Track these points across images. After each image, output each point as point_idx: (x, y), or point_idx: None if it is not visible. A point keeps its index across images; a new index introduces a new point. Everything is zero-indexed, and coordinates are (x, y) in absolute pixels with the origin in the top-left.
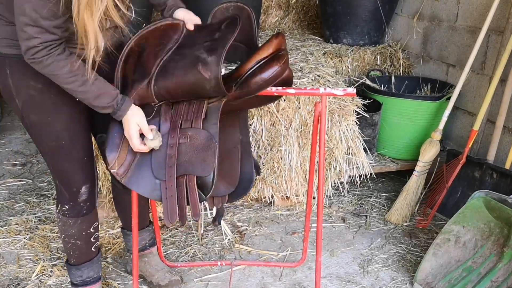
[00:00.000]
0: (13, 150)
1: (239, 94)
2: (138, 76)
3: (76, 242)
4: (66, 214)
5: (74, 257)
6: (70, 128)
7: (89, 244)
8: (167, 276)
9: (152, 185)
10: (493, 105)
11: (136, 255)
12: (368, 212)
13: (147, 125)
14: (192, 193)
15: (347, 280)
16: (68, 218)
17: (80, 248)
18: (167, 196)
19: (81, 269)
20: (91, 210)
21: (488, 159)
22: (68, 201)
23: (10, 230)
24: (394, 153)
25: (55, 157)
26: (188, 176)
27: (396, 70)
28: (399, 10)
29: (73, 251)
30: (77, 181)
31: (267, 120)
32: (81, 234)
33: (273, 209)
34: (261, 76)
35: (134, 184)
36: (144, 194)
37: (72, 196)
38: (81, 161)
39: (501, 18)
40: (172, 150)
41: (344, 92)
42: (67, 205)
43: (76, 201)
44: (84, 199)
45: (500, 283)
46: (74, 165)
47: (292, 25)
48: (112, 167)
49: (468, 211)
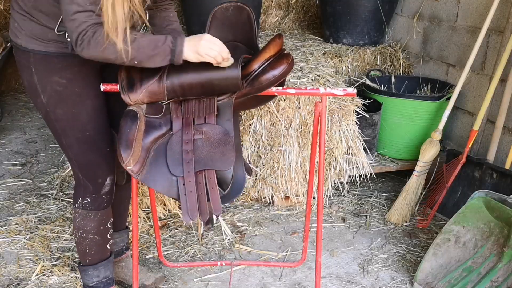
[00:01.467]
0: (13, 150)
1: (250, 90)
2: (146, 73)
3: (94, 237)
4: (87, 207)
5: (90, 255)
6: (95, 120)
7: (105, 241)
8: (150, 275)
9: (169, 182)
10: (493, 105)
11: (136, 255)
12: (368, 212)
13: (216, 43)
14: (212, 188)
15: (347, 280)
16: (88, 211)
17: (97, 244)
18: (185, 192)
19: (99, 268)
20: (110, 203)
21: (488, 159)
22: (91, 193)
23: (10, 230)
24: (394, 153)
25: (82, 149)
26: (207, 171)
27: (396, 70)
28: (399, 10)
29: (90, 248)
30: (102, 172)
31: (267, 120)
32: (99, 228)
33: (273, 209)
34: (273, 73)
35: (151, 181)
36: (161, 191)
37: (97, 188)
38: (105, 152)
39: (501, 18)
40: (188, 146)
41: (345, 92)
42: (90, 197)
43: (99, 193)
44: (107, 191)
45: (500, 283)
46: (100, 156)
47: (292, 25)
48: (127, 164)
49: (468, 211)
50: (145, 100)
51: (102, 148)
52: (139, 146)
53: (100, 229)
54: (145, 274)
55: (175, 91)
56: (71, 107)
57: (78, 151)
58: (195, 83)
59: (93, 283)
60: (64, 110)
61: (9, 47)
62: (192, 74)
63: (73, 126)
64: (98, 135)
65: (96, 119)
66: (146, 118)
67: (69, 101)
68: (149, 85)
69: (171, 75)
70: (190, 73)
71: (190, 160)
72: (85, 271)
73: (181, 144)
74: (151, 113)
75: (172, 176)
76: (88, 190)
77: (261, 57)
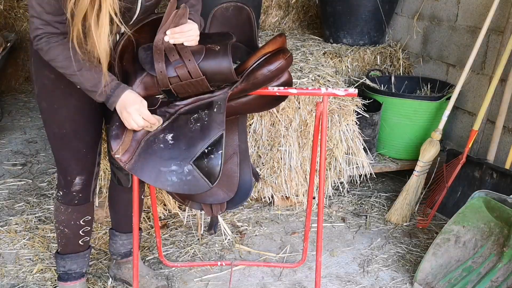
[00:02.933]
0: (13, 150)
1: (246, 85)
2: (138, 66)
3: (64, 229)
4: (60, 200)
5: (61, 246)
6: (74, 119)
7: (76, 236)
8: (153, 281)
9: (156, 172)
10: (493, 105)
11: (137, 254)
12: (368, 212)
13: (148, 112)
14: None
15: (347, 280)
16: (60, 203)
17: (67, 237)
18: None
19: (65, 259)
20: (84, 202)
21: (488, 159)
22: (62, 187)
23: (10, 230)
24: (394, 153)
25: (56, 144)
26: None
27: (396, 70)
28: (399, 10)
29: (61, 238)
30: (72, 170)
31: (267, 120)
32: (69, 223)
33: (273, 209)
34: (268, 68)
35: (138, 171)
36: (148, 181)
37: (66, 183)
38: (79, 152)
39: (501, 18)
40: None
41: (346, 92)
42: (61, 191)
43: (69, 189)
44: (77, 190)
45: (500, 283)
46: (72, 154)
47: (292, 25)
48: (116, 153)
49: (468, 211)
50: (141, 93)
51: (76, 147)
52: (130, 137)
53: (70, 223)
54: (149, 280)
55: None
56: (54, 102)
57: (53, 144)
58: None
59: (59, 271)
60: (47, 104)
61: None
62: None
63: (52, 120)
64: (74, 135)
65: (76, 118)
66: None
67: (53, 96)
68: (144, 78)
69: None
70: None
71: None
72: (56, 257)
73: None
74: (146, 105)
75: (160, 168)
76: (61, 184)
77: (259, 53)
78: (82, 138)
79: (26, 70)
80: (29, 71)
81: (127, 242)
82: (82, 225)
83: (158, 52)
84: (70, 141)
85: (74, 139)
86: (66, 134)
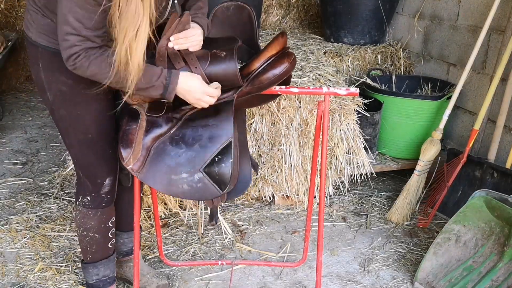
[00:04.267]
0: (13, 149)
1: (251, 89)
2: None
3: (94, 235)
4: (87, 206)
5: (91, 253)
6: (98, 122)
7: (106, 239)
8: (154, 280)
9: (167, 180)
10: (493, 104)
11: (138, 253)
12: (369, 211)
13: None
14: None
15: (347, 279)
16: (88, 209)
17: (97, 242)
18: None
19: (98, 267)
20: (111, 203)
21: (489, 158)
22: (91, 192)
23: (10, 229)
24: (394, 152)
25: (83, 150)
26: None
27: (397, 69)
28: (400, 9)
29: (90, 246)
30: (101, 173)
31: (267, 119)
32: (100, 227)
33: (273, 208)
34: (273, 72)
35: (150, 180)
36: (160, 190)
37: (96, 187)
38: (106, 154)
39: (502, 17)
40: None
41: (348, 92)
42: (89, 196)
43: (98, 192)
44: (106, 191)
45: (500, 282)
46: (100, 157)
47: (293, 24)
48: (127, 163)
49: (468, 210)
50: (146, 99)
51: (103, 150)
52: (140, 145)
53: (100, 227)
54: (150, 279)
55: None
56: (75, 109)
57: (79, 151)
58: None
59: (93, 280)
60: (67, 111)
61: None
62: None
63: (76, 127)
64: (100, 137)
65: (100, 121)
66: (147, 117)
67: (74, 102)
68: None
69: None
70: None
71: None
72: (86, 268)
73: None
74: (152, 111)
75: (171, 175)
76: (88, 189)
77: (263, 55)
78: (107, 140)
79: (26, 69)
80: (29, 70)
81: (127, 241)
82: (110, 227)
83: (161, 58)
84: (98, 145)
85: (101, 142)
86: (92, 138)
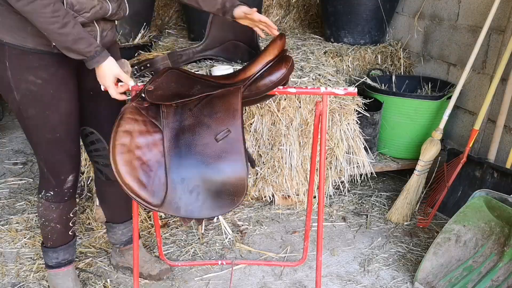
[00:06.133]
0: (14, 149)
1: (248, 95)
2: None
3: (56, 226)
4: (50, 199)
5: (52, 241)
6: (66, 122)
7: (67, 228)
8: (157, 265)
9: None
10: (494, 104)
11: (137, 246)
12: (369, 211)
13: (124, 74)
14: None
15: (347, 279)
16: (51, 203)
17: (59, 232)
18: None
19: (58, 251)
20: (73, 196)
21: (489, 158)
22: (54, 187)
23: (10, 229)
24: (394, 152)
25: (50, 148)
26: None
27: (397, 69)
28: (400, 9)
29: (52, 234)
30: (66, 170)
31: (267, 119)
32: (61, 218)
33: (273, 208)
34: (270, 79)
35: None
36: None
37: (59, 183)
38: (71, 152)
39: (502, 17)
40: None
41: (345, 92)
42: (52, 191)
43: (61, 188)
44: (69, 186)
45: (500, 282)
46: (66, 156)
47: (293, 24)
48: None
49: (468, 210)
50: None
51: (69, 148)
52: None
53: (62, 219)
54: (152, 264)
55: None
56: (44, 108)
57: (45, 149)
58: None
59: (52, 263)
60: (36, 110)
61: None
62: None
63: (44, 126)
64: (67, 137)
65: (68, 121)
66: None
67: (43, 102)
68: None
69: None
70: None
71: None
72: (46, 252)
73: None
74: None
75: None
76: (51, 185)
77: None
78: (73, 139)
79: None
80: None
81: (126, 231)
82: (71, 217)
83: None
84: (64, 144)
85: (67, 141)
86: (59, 137)
